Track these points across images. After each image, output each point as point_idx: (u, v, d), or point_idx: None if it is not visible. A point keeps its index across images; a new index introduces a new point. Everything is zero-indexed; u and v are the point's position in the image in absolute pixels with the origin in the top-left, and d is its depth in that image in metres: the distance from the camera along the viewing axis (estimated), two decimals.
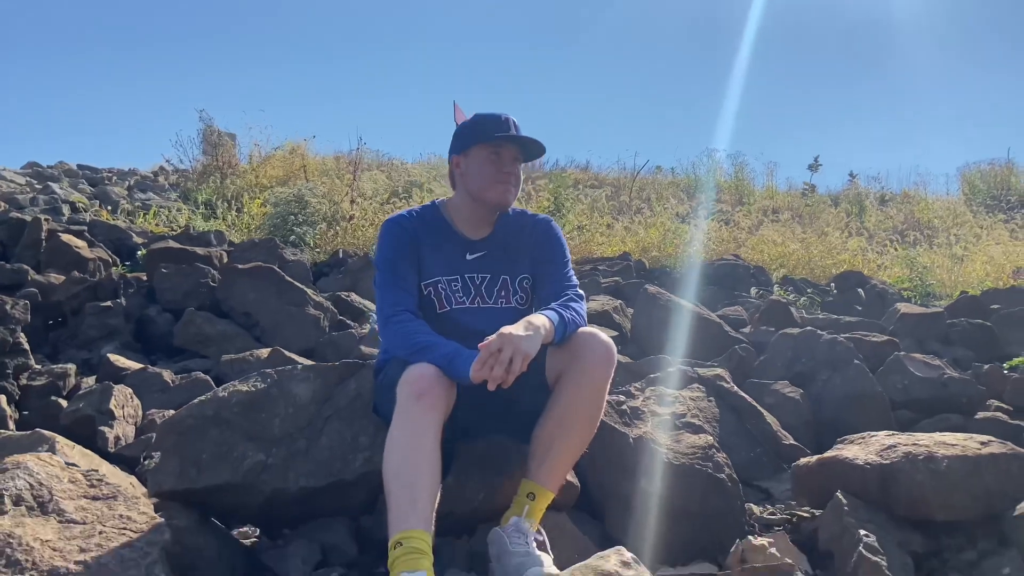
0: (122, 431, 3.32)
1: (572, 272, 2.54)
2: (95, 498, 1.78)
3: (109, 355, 4.16)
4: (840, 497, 2.48)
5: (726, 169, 14.22)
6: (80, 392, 3.52)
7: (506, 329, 2.05)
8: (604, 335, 2.29)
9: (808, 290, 7.57)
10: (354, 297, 5.50)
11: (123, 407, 3.36)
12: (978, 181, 14.33)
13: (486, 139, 2.40)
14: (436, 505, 1.96)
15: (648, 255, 8.70)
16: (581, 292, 2.46)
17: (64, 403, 3.59)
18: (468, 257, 2.46)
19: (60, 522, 1.65)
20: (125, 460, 3.20)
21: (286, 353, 4.03)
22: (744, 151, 16.15)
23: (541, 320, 2.15)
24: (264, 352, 4.23)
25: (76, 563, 1.54)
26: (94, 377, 4.11)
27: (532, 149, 2.47)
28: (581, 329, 2.29)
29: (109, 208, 8.80)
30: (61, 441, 2.51)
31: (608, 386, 2.28)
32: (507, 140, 2.41)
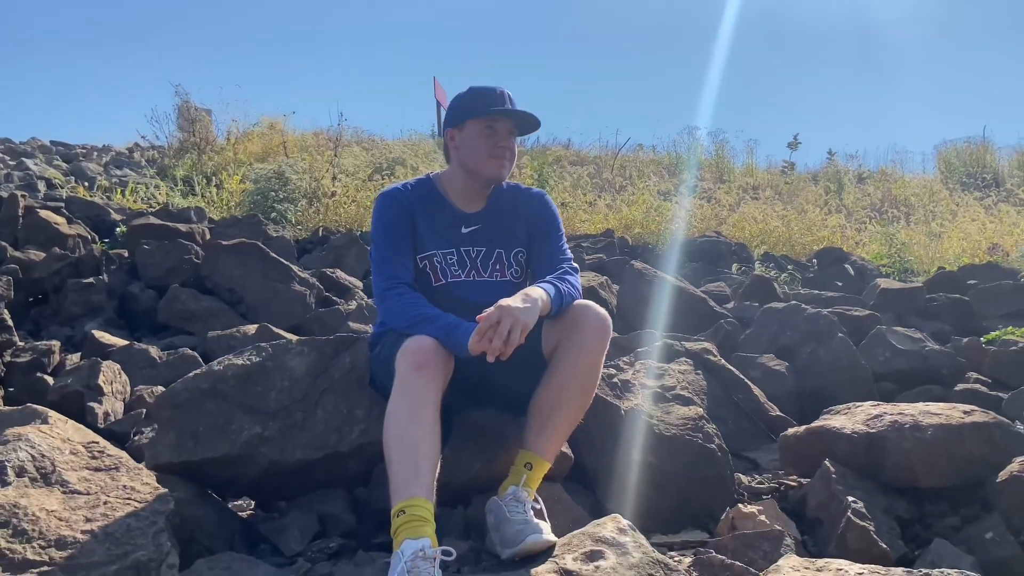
0: (111, 407, 3.31)
1: (566, 245, 2.56)
2: (97, 469, 1.78)
3: (94, 331, 4.12)
4: (828, 465, 2.53)
5: (707, 147, 14.26)
6: (67, 368, 3.50)
7: (504, 301, 2.07)
8: (599, 308, 2.31)
9: (789, 266, 7.66)
10: (339, 274, 5.48)
11: (111, 383, 3.35)
12: (954, 159, 14.47)
13: (481, 113, 2.40)
14: (437, 475, 1.98)
15: (631, 232, 8.73)
16: (576, 265, 2.48)
17: (50, 379, 3.56)
18: (463, 230, 2.47)
19: (64, 493, 1.65)
20: (115, 436, 3.18)
21: (274, 329, 4.02)
22: (724, 129, 16.20)
23: (538, 292, 2.17)
24: (251, 328, 4.21)
25: (83, 532, 1.54)
26: (79, 354, 4.08)
27: (527, 123, 2.47)
28: (577, 301, 2.31)
29: (85, 184, 8.67)
30: (54, 416, 2.49)
31: (604, 357, 2.30)
32: (502, 114, 2.41)
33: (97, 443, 1.90)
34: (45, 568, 1.45)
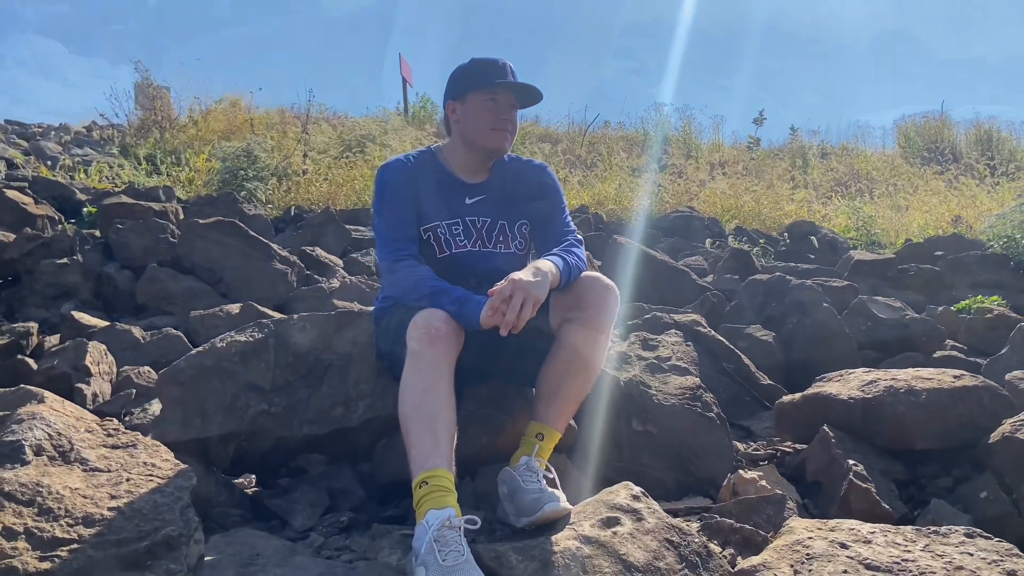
0: (99, 388, 3.24)
1: (569, 218, 2.56)
2: (115, 447, 1.75)
3: (73, 312, 4.03)
4: (827, 430, 2.59)
5: (674, 123, 14.32)
6: (51, 350, 3.42)
7: (516, 275, 2.06)
8: (606, 279, 2.32)
9: (761, 240, 7.76)
10: (319, 252, 5.42)
11: (98, 364, 3.28)
12: (913, 134, 14.73)
13: (484, 85, 2.38)
14: (455, 446, 1.98)
15: (604, 208, 8.76)
16: (580, 237, 2.48)
17: (32, 362, 3.47)
18: (468, 201, 2.46)
19: (84, 471, 1.62)
20: (105, 417, 3.13)
21: (259, 308, 3.97)
22: (691, 105, 16.23)
23: (548, 266, 2.17)
24: (235, 308, 4.15)
25: (109, 509, 1.52)
26: (57, 336, 3.99)
27: (528, 96, 2.45)
28: (584, 273, 2.32)
29: (48, 164, 8.42)
30: (50, 396, 2.43)
31: (612, 328, 2.32)
32: (505, 87, 2.39)
33: (111, 421, 1.87)
34: (75, 546, 1.42)
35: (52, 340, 3.94)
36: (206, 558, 1.83)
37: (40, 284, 4.58)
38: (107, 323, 4.03)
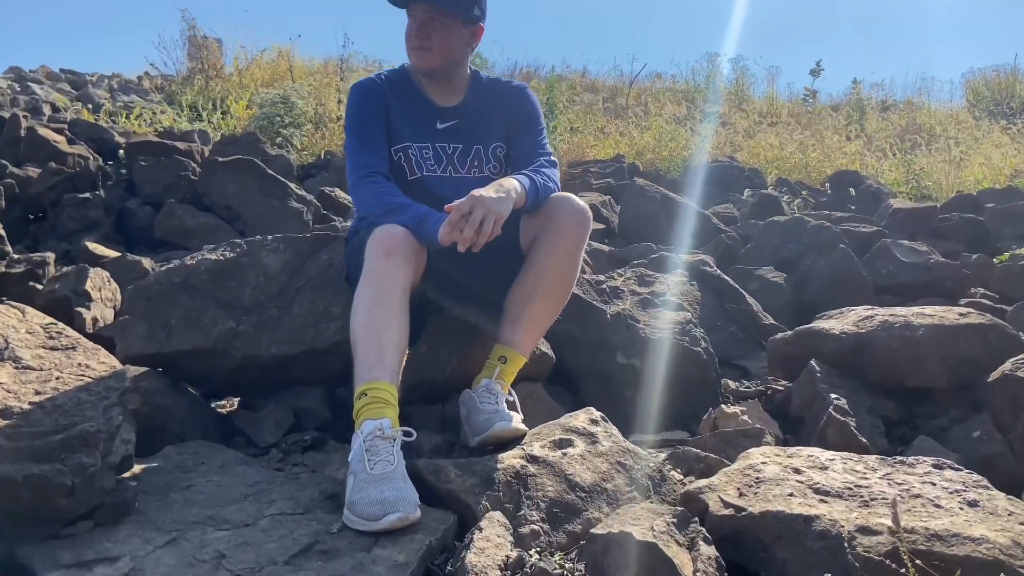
0: (100, 313, 3.30)
1: (547, 141, 2.46)
2: (53, 348, 1.76)
3: (87, 243, 4.11)
4: (814, 364, 2.48)
5: (726, 75, 13.85)
6: (56, 275, 3.48)
7: (476, 192, 1.99)
8: (578, 200, 2.23)
9: (803, 192, 7.47)
10: (338, 193, 5.40)
11: (100, 289, 3.33)
12: (982, 88, 13.99)
13: (395, 3, 2.29)
14: (403, 361, 1.94)
15: (643, 158, 8.55)
16: (554, 159, 2.39)
17: (38, 285, 3.55)
18: (439, 126, 2.38)
19: (16, 368, 1.63)
20: (103, 341, 3.16)
21: None
22: (745, 55, 15.63)
23: (512, 183, 2.09)
24: None
25: (30, 404, 1.53)
26: (74, 267, 4.07)
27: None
28: (555, 194, 2.23)
29: (90, 108, 8.59)
30: (29, 311, 2.47)
31: (582, 251, 2.24)
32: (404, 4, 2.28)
33: (56, 324, 1.88)
34: None
35: (68, 270, 4.03)
36: (152, 464, 1.85)
37: (63, 218, 4.68)
38: (120, 254, 4.10)
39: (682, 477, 2.06)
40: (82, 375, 1.67)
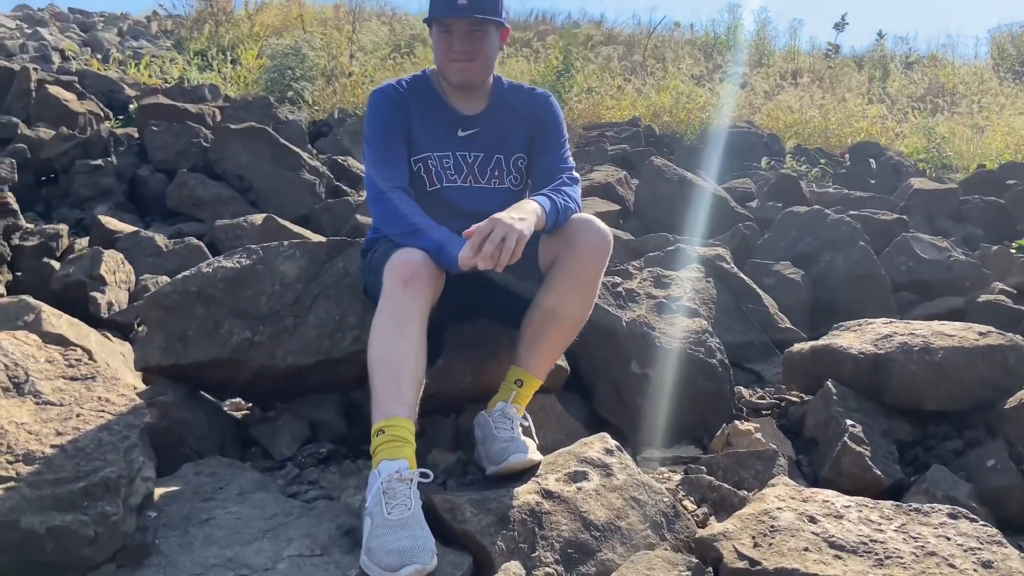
0: (114, 296, 3.30)
1: (568, 153, 2.41)
2: (73, 379, 1.76)
3: (100, 217, 4.09)
4: (830, 386, 2.46)
5: (748, 27, 13.52)
6: (71, 256, 3.48)
7: (497, 215, 1.95)
8: (600, 223, 2.18)
9: (822, 160, 7.35)
10: (351, 162, 5.35)
11: (114, 272, 3.33)
12: (1008, 45, 13.61)
13: (434, 15, 2.21)
14: (420, 393, 1.93)
15: (659, 120, 8.41)
16: (576, 175, 2.34)
17: (57, 265, 3.55)
18: (460, 134, 2.32)
19: (36, 404, 1.64)
20: (118, 326, 3.20)
21: (280, 221, 3.95)
22: (767, 6, 15.23)
23: (532, 206, 2.05)
24: (258, 218, 4.15)
25: (52, 447, 1.53)
26: (87, 239, 4.07)
27: (484, 6, 2.19)
28: (576, 216, 2.18)
29: (99, 57, 8.47)
30: (47, 310, 2.48)
31: (601, 276, 2.21)
32: (449, 18, 2.19)
33: (76, 350, 1.88)
34: (12, 484, 1.44)
35: (82, 243, 4.02)
36: (170, 488, 1.87)
37: (76, 184, 4.65)
38: (134, 228, 4.09)
39: (695, 507, 2.07)
40: (102, 410, 1.68)
